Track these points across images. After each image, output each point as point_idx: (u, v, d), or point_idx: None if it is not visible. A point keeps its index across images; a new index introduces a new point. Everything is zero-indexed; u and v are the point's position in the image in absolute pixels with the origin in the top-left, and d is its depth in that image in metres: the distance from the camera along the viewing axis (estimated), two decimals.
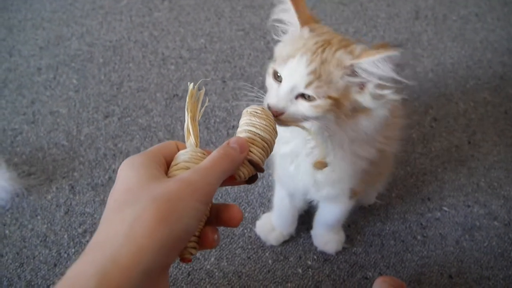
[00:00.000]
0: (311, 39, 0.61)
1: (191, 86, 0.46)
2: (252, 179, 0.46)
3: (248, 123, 0.45)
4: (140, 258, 0.33)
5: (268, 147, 0.45)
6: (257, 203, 1.06)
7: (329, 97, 0.58)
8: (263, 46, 1.43)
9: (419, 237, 1.01)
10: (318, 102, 0.58)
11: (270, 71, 0.64)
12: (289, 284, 0.94)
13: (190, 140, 0.45)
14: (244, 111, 0.47)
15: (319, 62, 0.58)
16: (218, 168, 0.40)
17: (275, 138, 0.46)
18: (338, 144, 0.64)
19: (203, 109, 0.47)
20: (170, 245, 0.35)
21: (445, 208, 1.06)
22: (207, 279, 0.94)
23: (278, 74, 0.61)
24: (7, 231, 1.01)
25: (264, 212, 1.03)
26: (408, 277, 0.95)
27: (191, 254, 0.40)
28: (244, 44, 1.44)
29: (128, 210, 0.35)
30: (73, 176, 1.10)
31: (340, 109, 0.59)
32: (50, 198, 1.07)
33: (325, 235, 0.96)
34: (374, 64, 0.56)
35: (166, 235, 0.35)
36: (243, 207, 1.05)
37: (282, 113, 0.58)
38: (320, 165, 0.46)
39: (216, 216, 0.42)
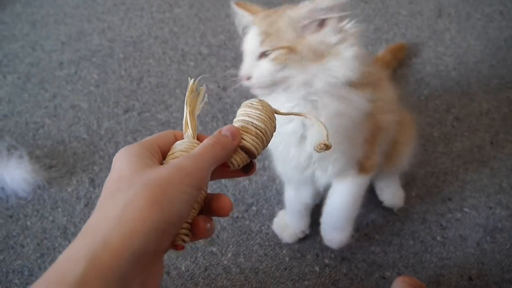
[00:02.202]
0: (260, 15, 0.72)
1: (191, 81, 0.47)
2: (248, 169, 0.46)
3: (243, 114, 0.46)
4: (131, 241, 0.33)
5: (263, 135, 0.45)
6: (275, 200, 1.05)
7: (282, 47, 0.66)
8: None
9: (438, 238, 0.99)
10: (274, 54, 0.66)
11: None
12: (306, 282, 0.93)
13: (188, 133, 0.46)
14: (242, 104, 0.48)
15: (266, 24, 0.68)
16: (209, 154, 0.41)
17: (272, 128, 0.46)
18: (325, 95, 0.69)
19: (202, 104, 0.48)
20: (162, 229, 0.35)
21: (466, 209, 1.04)
22: (224, 275, 0.94)
23: (243, 52, 0.72)
24: (28, 223, 1.03)
25: (281, 209, 1.03)
26: (426, 278, 0.94)
27: (184, 241, 0.40)
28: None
29: (120, 196, 0.36)
30: (93, 170, 1.11)
31: (298, 55, 0.66)
32: (71, 191, 1.08)
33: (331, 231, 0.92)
34: None
35: (157, 218, 0.35)
36: (260, 203, 1.05)
37: (251, 77, 0.69)
38: (323, 147, 0.46)
39: (208, 206, 0.43)
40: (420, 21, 1.51)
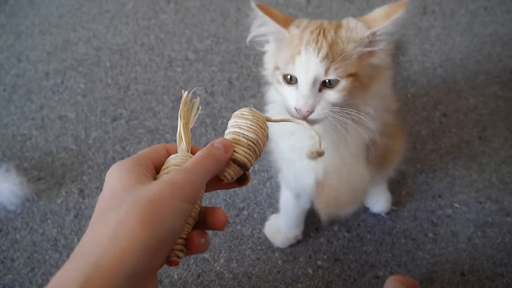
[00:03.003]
0: (305, 32, 0.63)
1: (185, 94, 0.46)
2: (242, 181, 0.46)
3: (233, 125, 0.45)
4: (124, 262, 0.33)
5: (255, 146, 0.44)
6: (266, 203, 1.05)
7: (350, 74, 0.60)
8: None
9: (430, 235, 1.00)
10: (343, 83, 0.59)
11: (278, 78, 0.64)
12: (299, 285, 0.93)
13: (182, 146, 0.45)
14: (233, 114, 0.46)
15: (327, 46, 0.59)
16: (202, 167, 0.40)
17: (264, 137, 0.45)
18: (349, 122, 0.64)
19: (196, 116, 0.47)
20: (155, 247, 0.35)
21: (457, 205, 1.04)
22: (217, 281, 0.94)
23: (289, 76, 0.62)
24: (18, 236, 1.02)
25: (273, 213, 1.02)
26: (420, 276, 0.94)
27: (178, 257, 0.40)
28: (250, 44, 1.43)
29: (112, 215, 0.35)
30: (82, 180, 1.10)
31: (361, 82, 0.61)
32: (60, 202, 1.07)
33: None
34: (395, 24, 0.61)
35: (150, 236, 0.34)
36: (251, 207, 1.05)
37: (312, 112, 0.59)
38: (315, 155, 0.46)
39: (202, 220, 0.42)
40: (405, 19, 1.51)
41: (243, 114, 0.45)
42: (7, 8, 1.61)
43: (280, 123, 0.49)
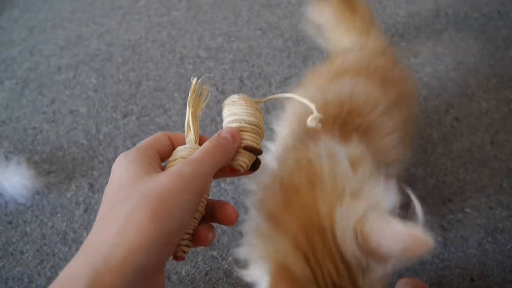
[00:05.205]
0: None
1: (194, 80, 0.45)
2: (255, 166, 0.45)
3: (229, 114, 0.44)
4: (133, 257, 0.33)
5: (258, 129, 0.44)
6: None
7: None
8: (281, 45, 1.42)
9: (439, 239, 0.99)
10: None
11: None
12: None
13: (190, 136, 0.44)
14: (223, 104, 0.46)
15: None
16: (210, 158, 0.39)
17: (262, 118, 0.45)
18: None
19: (204, 104, 0.46)
20: (164, 241, 0.35)
21: (467, 210, 1.04)
22: (225, 279, 0.94)
23: None
24: (27, 229, 1.03)
25: None
26: (428, 280, 0.93)
27: (184, 252, 0.40)
28: (262, 43, 1.43)
29: (120, 208, 0.35)
30: (92, 175, 1.11)
31: None
32: (70, 196, 1.08)
33: None
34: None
35: (159, 231, 0.34)
36: None
37: None
38: (317, 121, 0.45)
39: (211, 213, 0.42)
40: (418, 21, 1.50)
41: (234, 101, 0.45)
42: (21, 3, 1.62)
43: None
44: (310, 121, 0.44)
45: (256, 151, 0.44)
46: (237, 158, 0.43)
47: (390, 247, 0.41)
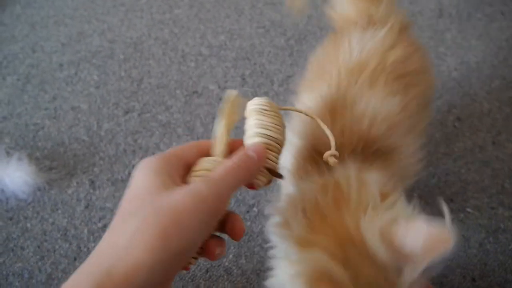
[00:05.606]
0: None
1: (234, 92, 0.42)
2: (270, 182, 0.44)
3: (258, 125, 0.42)
4: (137, 273, 0.32)
5: (281, 148, 0.42)
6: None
7: None
8: (283, 44, 1.42)
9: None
10: None
11: None
12: None
13: (218, 148, 0.42)
14: (250, 109, 0.43)
15: None
16: (231, 178, 0.37)
17: (285, 133, 0.43)
18: None
19: (238, 118, 0.44)
20: (171, 260, 0.33)
21: (469, 210, 1.03)
22: (225, 276, 0.94)
23: None
24: (28, 225, 1.03)
25: None
26: (429, 280, 0.93)
27: (190, 263, 0.39)
28: (264, 41, 1.43)
29: (131, 221, 0.34)
30: (93, 171, 1.11)
31: None
32: (71, 193, 1.08)
33: None
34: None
35: (166, 250, 0.33)
36: (262, 205, 1.04)
37: None
38: (334, 160, 0.44)
39: (220, 222, 0.40)
40: (420, 21, 1.50)
41: (265, 110, 0.42)
42: None
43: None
44: (327, 157, 0.43)
45: (278, 176, 0.42)
46: (257, 177, 0.41)
47: (413, 246, 0.41)
